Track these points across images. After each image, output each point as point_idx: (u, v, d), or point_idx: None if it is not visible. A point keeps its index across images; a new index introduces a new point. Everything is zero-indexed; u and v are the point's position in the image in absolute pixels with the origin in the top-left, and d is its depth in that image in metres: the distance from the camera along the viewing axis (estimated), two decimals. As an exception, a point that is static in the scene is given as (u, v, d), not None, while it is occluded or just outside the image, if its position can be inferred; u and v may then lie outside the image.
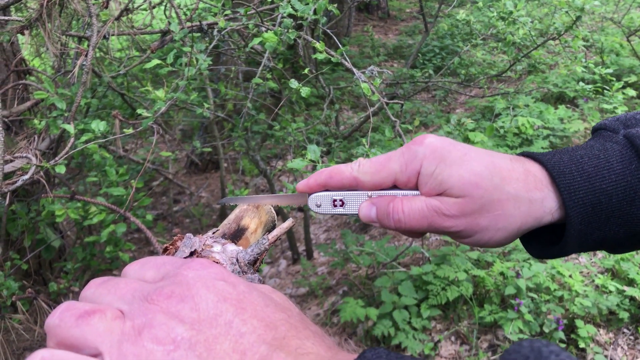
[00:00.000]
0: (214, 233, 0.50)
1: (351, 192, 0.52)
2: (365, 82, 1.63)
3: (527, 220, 0.49)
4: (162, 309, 0.34)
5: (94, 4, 1.69)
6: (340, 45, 1.79)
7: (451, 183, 0.48)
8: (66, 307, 0.35)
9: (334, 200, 0.52)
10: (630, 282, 2.37)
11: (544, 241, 0.54)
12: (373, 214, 0.52)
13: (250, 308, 0.35)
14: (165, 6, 2.30)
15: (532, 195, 0.49)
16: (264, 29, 1.84)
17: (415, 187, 0.51)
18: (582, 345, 2.16)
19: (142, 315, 0.34)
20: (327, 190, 0.53)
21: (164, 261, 0.39)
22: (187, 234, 0.47)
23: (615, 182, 0.48)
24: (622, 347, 2.23)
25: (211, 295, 0.35)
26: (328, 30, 2.05)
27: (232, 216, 0.53)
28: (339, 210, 0.52)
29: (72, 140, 1.54)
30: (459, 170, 0.48)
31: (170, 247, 0.47)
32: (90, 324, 0.34)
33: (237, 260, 0.45)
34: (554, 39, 3.03)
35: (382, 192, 0.52)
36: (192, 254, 0.45)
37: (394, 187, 0.51)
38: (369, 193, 0.52)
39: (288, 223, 0.52)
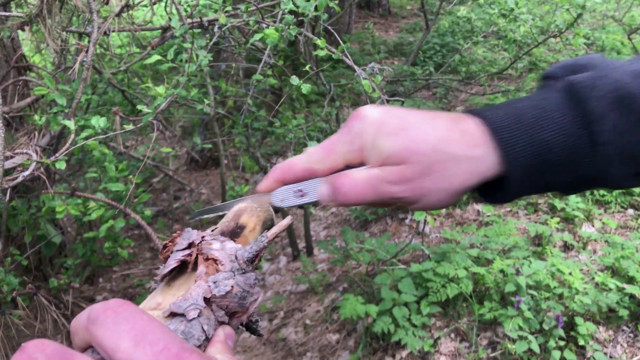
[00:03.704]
0: (212, 231, 0.50)
1: (309, 180, 0.53)
2: (366, 79, 1.63)
3: (470, 177, 0.49)
4: None
5: (94, 0, 1.69)
6: (341, 42, 1.79)
7: (389, 152, 0.48)
8: None
9: (295, 192, 0.53)
10: (630, 280, 2.37)
11: (493, 187, 0.53)
12: (327, 194, 0.52)
13: None
14: (166, 2, 2.29)
15: (472, 152, 0.48)
16: (264, 25, 1.84)
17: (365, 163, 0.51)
18: (581, 342, 2.16)
19: None
20: (286, 184, 0.53)
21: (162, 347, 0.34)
22: (187, 229, 0.47)
23: (555, 132, 0.46)
24: (621, 345, 2.23)
25: None
26: (329, 27, 2.04)
27: (230, 214, 0.53)
28: (304, 199, 0.53)
29: (72, 136, 1.54)
30: (396, 138, 0.48)
31: (170, 244, 0.47)
32: None
33: (236, 257, 0.45)
34: (555, 36, 3.02)
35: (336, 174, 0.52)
36: (190, 245, 0.45)
37: (347, 167, 0.51)
38: (326, 178, 0.52)
39: (287, 221, 0.52)
